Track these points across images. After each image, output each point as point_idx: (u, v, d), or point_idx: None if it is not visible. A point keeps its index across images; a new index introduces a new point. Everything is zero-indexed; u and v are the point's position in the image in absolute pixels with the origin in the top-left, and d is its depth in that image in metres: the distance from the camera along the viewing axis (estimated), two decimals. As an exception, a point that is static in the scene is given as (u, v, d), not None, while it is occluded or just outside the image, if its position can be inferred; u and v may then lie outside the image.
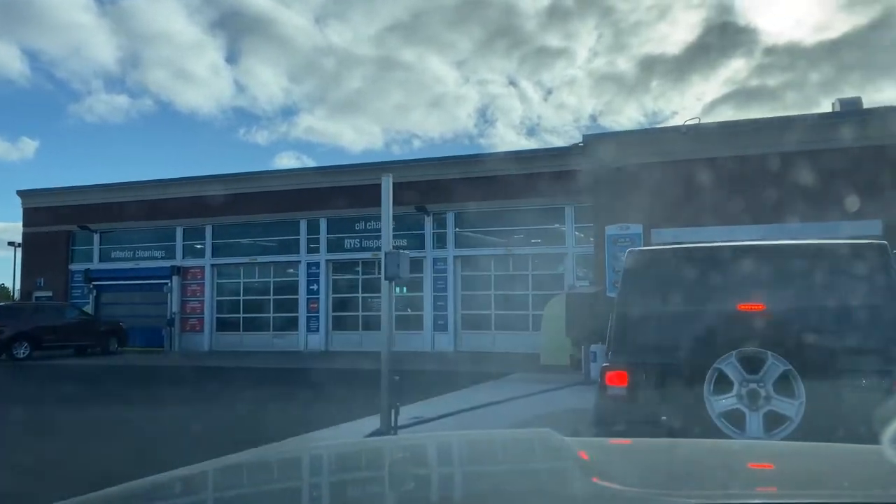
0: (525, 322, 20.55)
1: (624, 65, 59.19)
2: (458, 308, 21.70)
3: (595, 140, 16.65)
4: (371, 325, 21.21)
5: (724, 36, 56.47)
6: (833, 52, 52.55)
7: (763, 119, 15.66)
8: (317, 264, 23.12)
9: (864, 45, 51.56)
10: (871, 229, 11.90)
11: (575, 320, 13.41)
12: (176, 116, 60.07)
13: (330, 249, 23.03)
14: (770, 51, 56.04)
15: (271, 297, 24.04)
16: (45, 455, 7.24)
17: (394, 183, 8.28)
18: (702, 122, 15.58)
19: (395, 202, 8.41)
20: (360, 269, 22.59)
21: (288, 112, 61.72)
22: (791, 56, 55.13)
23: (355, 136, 61.58)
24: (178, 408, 10.60)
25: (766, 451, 2.04)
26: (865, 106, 15.36)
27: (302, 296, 23.20)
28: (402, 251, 7.87)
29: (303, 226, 23.29)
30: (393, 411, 7.81)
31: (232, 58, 63.79)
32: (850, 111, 14.91)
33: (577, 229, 20.36)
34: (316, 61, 57.73)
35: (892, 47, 49.44)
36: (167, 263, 24.82)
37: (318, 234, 23.14)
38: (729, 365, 4.78)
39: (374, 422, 8.10)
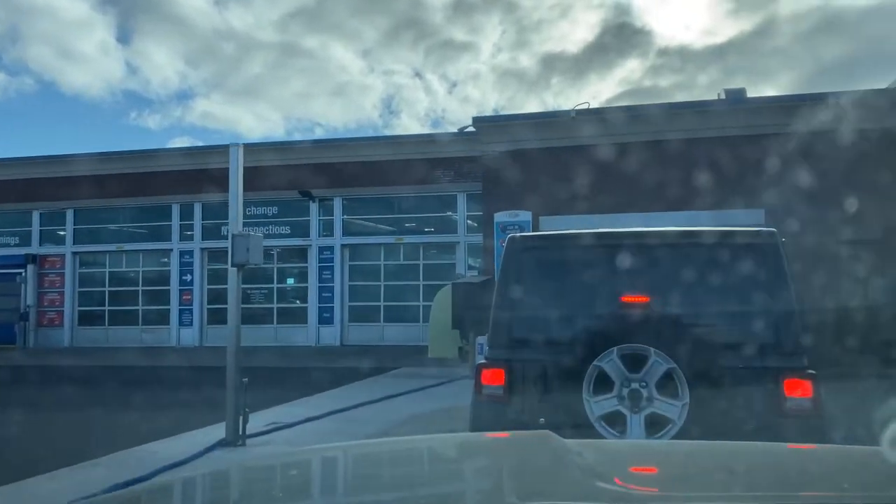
0: (416, 314, 19.80)
1: (526, 61, 59.74)
2: (346, 300, 20.69)
3: (485, 124, 16.11)
4: (252, 318, 19.74)
5: (621, 37, 58.01)
6: (719, 56, 55.20)
7: (650, 105, 15.60)
8: (190, 253, 21.41)
9: (747, 50, 54.51)
10: (754, 217, 11.98)
11: (461, 311, 12.83)
12: (59, 97, 55.16)
13: (205, 237, 21.32)
14: (663, 52, 58.16)
15: (140, 287, 22.11)
16: None
17: (276, 165, 7.33)
18: (591, 107, 15.28)
19: (277, 186, 7.49)
20: (239, 257, 21.02)
21: (183, 96, 58.09)
22: (682, 58, 57.45)
23: (254, 123, 58.83)
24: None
25: (767, 451, 2.02)
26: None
27: (174, 287, 21.46)
28: (252, 233, 6.86)
29: (175, 211, 21.46)
30: (241, 417, 6.87)
31: (123, 37, 59.26)
32: (735, 100, 15.07)
33: (469, 217, 19.81)
34: (214, 45, 54.58)
35: (773, 53, 52.66)
36: (21, 251, 22.43)
37: (193, 219, 21.43)
38: (610, 363, 4.34)
39: (222, 429, 7.13)
